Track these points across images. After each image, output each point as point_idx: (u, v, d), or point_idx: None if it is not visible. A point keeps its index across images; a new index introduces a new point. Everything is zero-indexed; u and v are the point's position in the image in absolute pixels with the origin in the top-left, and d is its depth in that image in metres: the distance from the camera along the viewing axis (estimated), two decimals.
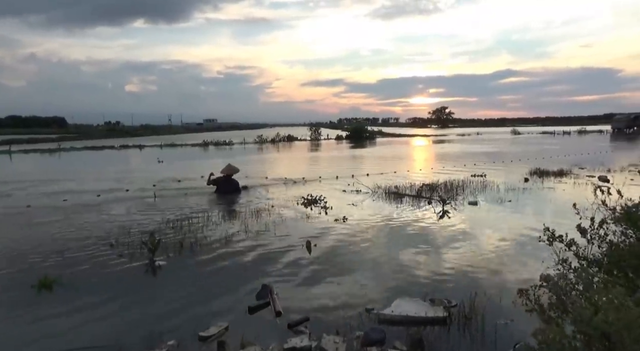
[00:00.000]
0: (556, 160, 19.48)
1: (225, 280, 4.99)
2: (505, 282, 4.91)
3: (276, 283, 4.83)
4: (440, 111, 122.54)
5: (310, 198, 9.77)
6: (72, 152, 30.02)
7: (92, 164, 22.39)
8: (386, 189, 11.15)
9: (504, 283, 4.87)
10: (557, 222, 7.41)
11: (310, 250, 6.20)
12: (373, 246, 6.37)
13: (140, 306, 4.35)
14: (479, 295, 4.32)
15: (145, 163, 22.20)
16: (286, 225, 7.68)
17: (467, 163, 18.82)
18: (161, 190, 11.89)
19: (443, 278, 5.06)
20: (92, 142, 39.52)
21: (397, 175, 15.02)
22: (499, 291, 4.65)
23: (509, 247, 6.26)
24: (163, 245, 6.12)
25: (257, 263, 5.61)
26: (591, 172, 14.40)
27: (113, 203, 9.99)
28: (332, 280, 5.05)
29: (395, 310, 4.00)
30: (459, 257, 5.81)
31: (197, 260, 5.76)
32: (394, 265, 5.51)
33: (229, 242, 6.58)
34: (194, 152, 30.79)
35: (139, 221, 8.00)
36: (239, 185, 11.72)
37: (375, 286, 4.84)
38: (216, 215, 8.44)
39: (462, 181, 12.48)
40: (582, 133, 54.95)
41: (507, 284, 4.85)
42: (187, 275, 5.19)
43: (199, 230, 7.30)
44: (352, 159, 23.07)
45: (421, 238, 6.75)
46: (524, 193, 10.82)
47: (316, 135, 48.36)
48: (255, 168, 17.56)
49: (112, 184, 13.28)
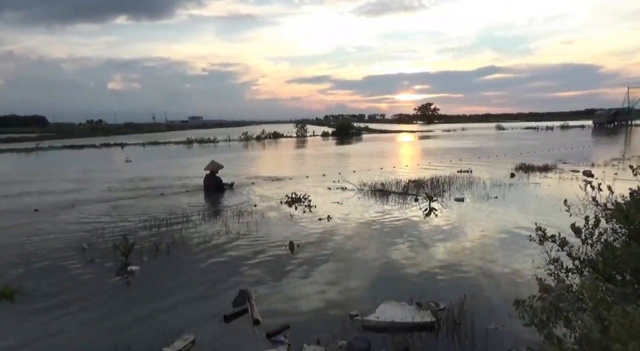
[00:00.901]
0: (541, 155, 19.55)
1: (201, 285, 4.71)
2: (494, 282, 4.75)
3: (256, 287, 4.58)
4: (425, 107, 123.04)
5: (294, 197, 9.52)
6: (50, 151, 29.16)
7: (66, 164, 21.67)
8: (372, 186, 10.96)
9: (493, 284, 4.70)
10: (544, 218, 7.30)
11: (294, 250, 5.96)
12: (358, 246, 6.15)
13: (106, 317, 4.05)
14: (467, 297, 4.12)
15: (116, 162, 21.25)
16: (269, 225, 7.42)
17: (453, 159, 18.75)
18: (130, 191, 11.50)
19: (430, 279, 4.87)
20: (72, 141, 38.51)
21: (384, 171, 14.85)
22: (489, 292, 4.48)
23: (497, 244, 6.11)
24: (138, 249, 5.82)
25: (236, 266, 5.34)
26: (575, 167, 14.42)
27: (85, 205, 9.55)
28: (315, 282, 4.82)
29: (381, 315, 3.78)
30: (446, 256, 5.63)
31: (172, 264, 5.47)
32: (380, 266, 5.30)
33: (207, 244, 6.30)
34: (176, 150, 30.21)
35: (115, 223, 7.62)
36: (221, 182, 11.37)
37: (360, 289, 4.63)
38: (196, 215, 8.13)
39: (448, 177, 12.36)
40: (564, 129, 55.62)
41: (497, 284, 4.68)
42: (161, 281, 4.89)
43: (177, 231, 6.99)
44: (338, 156, 22.85)
45: (407, 237, 6.56)
46: (510, 188, 10.73)
47: (302, 131, 47.98)
48: (239, 166, 17.20)
49: (75, 185, 12.80)
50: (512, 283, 4.68)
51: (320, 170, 15.15)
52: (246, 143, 37.65)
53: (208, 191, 11.10)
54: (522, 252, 5.53)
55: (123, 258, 5.41)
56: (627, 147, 23.90)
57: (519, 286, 4.47)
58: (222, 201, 10.01)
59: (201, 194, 10.82)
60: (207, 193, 11.01)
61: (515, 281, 4.71)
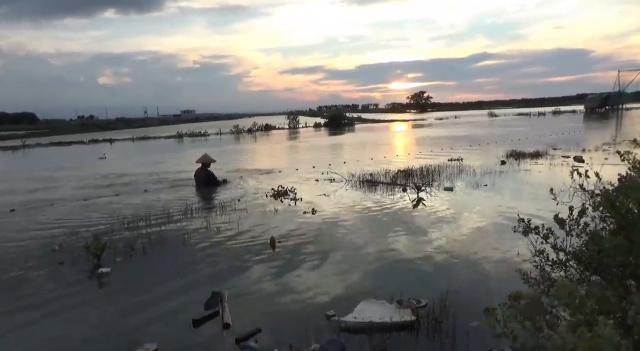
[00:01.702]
0: (532, 141, 19.41)
1: (174, 287, 4.50)
2: (480, 276, 4.57)
3: (232, 287, 4.37)
4: (418, 96, 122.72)
5: (280, 190, 9.30)
6: (38, 149, 28.71)
7: (50, 161, 21.28)
8: (361, 177, 10.76)
9: (479, 278, 4.53)
10: (533, 206, 7.16)
11: (275, 247, 5.76)
12: (342, 241, 5.96)
13: (68, 325, 3.80)
14: (450, 293, 3.94)
15: (96, 159, 20.30)
16: (252, 221, 7.20)
17: (445, 147, 18.58)
18: (109, 188, 11.22)
19: (414, 274, 4.69)
20: (60, 138, 37.97)
21: (375, 161, 14.65)
22: (474, 287, 4.31)
23: (485, 235, 5.94)
24: (112, 249, 5.59)
25: (213, 266, 5.13)
26: (567, 153, 14.29)
27: (61, 204, 9.21)
28: (294, 281, 4.62)
29: (359, 315, 3.59)
30: (432, 249, 5.44)
31: (146, 265, 5.25)
32: (362, 261, 5.10)
33: (186, 242, 6.08)
34: (166, 145, 29.82)
35: (91, 223, 7.33)
36: (213, 176, 11.10)
37: (340, 286, 4.44)
38: (178, 212, 7.88)
39: (438, 166, 12.17)
40: (556, 114, 55.59)
41: (483, 278, 4.51)
42: (131, 284, 4.66)
43: (156, 229, 6.75)
44: (329, 147, 22.62)
45: (393, 230, 6.37)
46: (500, 176, 10.57)
47: (294, 123, 47.64)
48: (228, 160, 16.93)
49: (50, 184, 12.49)
50: (498, 276, 4.50)
51: (311, 162, 14.92)
52: (237, 136, 37.27)
53: (199, 185, 10.85)
54: (510, 243, 5.36)
55: (95, 260, 5.17)
56: (618, 131, 23.83)
57: (505, 280, 4.29)
58: (207, 196, 9.77)
59: (186, 189, 10.55)
60: (197, 187, 10.76)
61: (502, 274, 4.53)
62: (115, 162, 18.33)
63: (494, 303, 3.83)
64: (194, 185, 10.98)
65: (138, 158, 20.35)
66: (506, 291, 3.91)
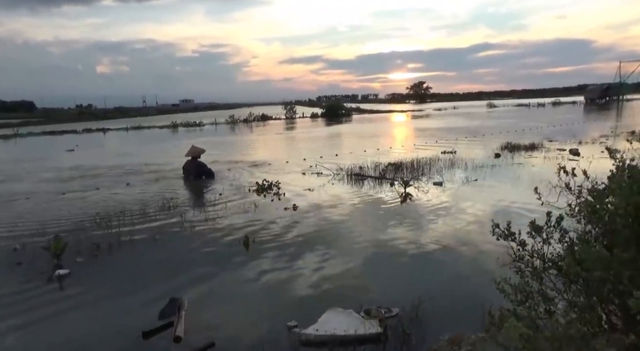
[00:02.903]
0: (529, 133, 19.10)
1: (132, 292, 4.23)
2: (458, 280, 4.32)
3: (195, 292, 4.12)
4: (418, 86, 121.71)
5: (264, 184, 9.01)
6: (29, 137, 28.32)
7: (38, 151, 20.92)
8: (349, 171, 10.46)
9: (456, 281, 4.27)
10: (521, 203, 6.89)
11: (248, 246, 5.49)
12: (318, 240, 5.68)
13: (3, 336, 3.54)
14: (423, 301, 3.69)
15: (57, 151, 19.49)
16: (229, 217, 6.94)
17: (440, 139, 18.25)
18: (85, 180, 10.92)
19: (390, 278, 4.43)
20: (54, 127, 37.55)
21: (367, 153, 14.33)
22: (450, 291, 4.05)
23: (468, 236, 5.67)
24: (75, 248, 5.32)
25: (179, 267, 4.86)
26: (562, 145, 13.99)
27: (31, 198, 8.85)
28: (261, 285, 4.36)
29: (322, 326, 3.33)
30: (412, 250, 5.18)
31: (109, 266, 4.97)
32: (336, 265, 4.83)
33: (157, 241, 5.80)
34: (160, 134, 29.43)
35: (62, 219, 7.01)
36: (206, 167, 10.79)
37: (308, 291, 4.17)
38: (154, 207, 7.59)
39: (430, 159, 11.89)
40: (556, 105, 55.09)
41: (460, 282, 4.25)
42: (88, 287, 4.38)
43: (128, 226, 6.47)
44: (323, 138, 22.26)
45: (376, 229, 6.10)
46: (492, 170, 10.29)
47: (291, 113, 47.16)
48: (219, 151, 16.62)
49: (24, 175, 12.19)
50: (477, 280, 4.24)
51: (302, 153, 14.60)
52: (233, 126, 36.87)
53: (189, 178, 10.54)
54: (494, 244, 5.08)
55: (55, 260, 4.90)
56: (617, 122, 23.48)
57: (484, 285, 4.01)
58: (190, 190, 9.49)
59: (169, 182, 10.24)
60: (186, 179, 10.46)
61: (481, 278, 4.26)
62: (101, 153, 17.99)
63: (468, 313, 3.59)
64: (182, 177, 10.69)
65: (126, 148, 20.00)
66: (483, 297, 3.67)
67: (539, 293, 2.86)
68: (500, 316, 2.95)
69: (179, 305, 3.74)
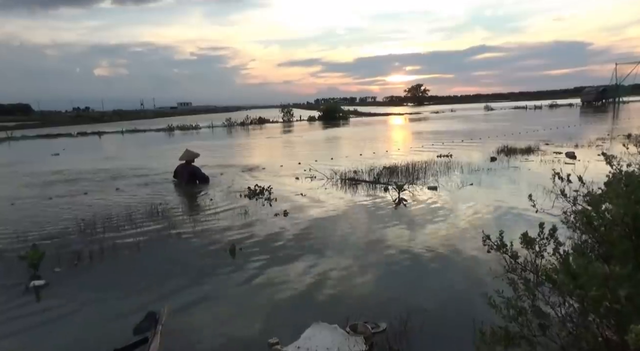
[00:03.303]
0: (525, 135, 18.98)
1: (109, 305, 4.04)
2: (451, 291, 4.15)
3: (175, 305, 3.92)
4: (415, 89, 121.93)
5: (256, 189, 8.84)
6: (23, 141, 28.08)
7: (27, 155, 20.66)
8: (343, 175, 10.30)
9: (449, 293, 4.10)
10: (517, 210, 6.74)
11: (234, 254, 5.32)
12: (307, 248, 5.50)
13: None
14: (414, 313, 3.52)
15: (44, 155, 19.00)
16: (218, 223, 6.76)
17: (436, 142, 18.14)
18: (80, 183, 10.72)
19: (381, 289, 4.26)
20: (49, 130, 37.28)
21: (363, 157, 14.19)
22: (442, 304, 3.88)
23: (463, 243, 5.50)
24: (55, 258, 5.13)
25: (160, 277, 4.68)
26: (559, 148, 13.88)
27: (17, 202, 8.65)
28: (246, 296, 4.19)
29: (305, 343, 3.16)
30: (405, 260, 5.01)
31: (89, 275, 4.78)
32: (323, 274, 4.65)
33: (141, 249, 5.61)
34: (155, 138, 29.20)
35: (47, 224, 6.83)
36: (200, 172, 10.59)
37: (294, 304, 4.00)
38: (142, 213, 7.40)
39: (425, 163, 11.76)
40: (553, 107, 55.12)
41: (453, 294, 4.08)
42: (64, 299, 4.18)
43: (112, 233, 6.28)
44: (319, 142, 22.10)
45: (366, 236, 5.93)
46: (488, 174, 10.14)
47: (288, 116, 47.02)
48: (213, 155, 16.45)
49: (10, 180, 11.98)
50: (468, 293, 4.07)
51: (297, 157, 14.45)
52: (230, 129, 36.70)
53: (181, 183, 10.33)
54: (486, 252, 4.92)
55: (32, 270, 4.72)
56: (614, 125, 23.41)
57: (476, 299, 3.86)
58: (181, 195, 9.30)
59: (159, 187, 10.04)
60: (178, 185, 10.28)
61: (473, 290, 4.10)
62: (93, 157, 17.76)
63: (459, 328, 3.42)
64: (172, 182, 10.52)
65: (119, 152, 19.80)
66: (475, 310, 3.51)
67: (532, 309, 2.70)
68: (492, 333, 2.79)
69: (157, 319, 3.56)
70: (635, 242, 2.39)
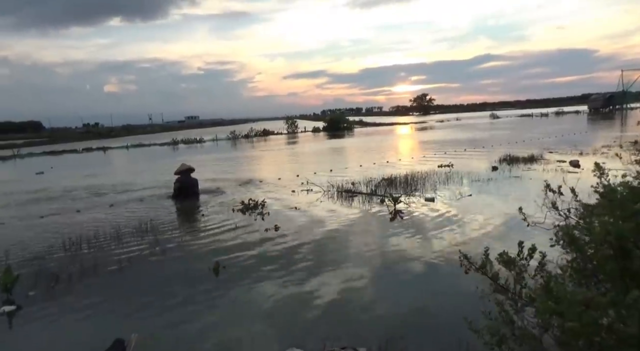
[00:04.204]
0: (529, 143, 18.68)
1: (78, 332, 3.86)
2: (435, 313, 3.91)
3: (146, 331, 3.74)
4: (421, 98, 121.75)
5: (250, 203, 8.67)
6: (27, 158, 28.29)
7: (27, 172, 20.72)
8: (339, 188, 10.10)
9: (433, 316, 3.87)
10: (512, 223, 6.49)
11: (218, 272, 5.13)
12: (294, 265, 5.29)
13: None
14: (394, 339, 3.30)
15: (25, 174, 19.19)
16: (206, 239, 6.59)
17: (438, 151, 17.92)
18: (75, 200, 10.64)
19: (364, 311, 4.03)
20: (55, 147, 37.64)
21: (363, 168, 14.01)
22: (424, 327, 3.65)
23: (451, 259, 5.24)
24: (32, 279, 4.98)
25: (136, 300, 4.50)
26: (563, 156, 13.58)
27: (11, 222, 8.57)
28: (224, 319, 3.99)
29: None
30: (393, 280, 4.79)
31: (64, 299, 4.58)
32: (305, 294, 4.43)
33: (123, 268, 5.44)
34: (159, 152, 29.28)
35: (30, 244, 6.66)
36: (196, 184, 10.53)
37: (273, 327, 3.79)
38: (130, 229, 7.24)
39: (425, 173, 11.52)
40: (559, 115, 54.59)
41: (437, 316, 3.85)
42: (32, 328, 3.99)
43: (96, 252, 6.11)
44: (321, 153, 21.95)
45: (358, 253, 5.70)
46: (488, 184, 9.89)
47: (293, 128, 47.06)
48: (213, 168, 16.37)
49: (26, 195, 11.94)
50: (454, 314, 3.83)
51: (297, 170, 14.28)
52: (234, 142, 36.75)
53: (178, 196, 10.20)
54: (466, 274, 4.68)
55: (6, 294, 4.56)
56: (621, 132, 22.99)
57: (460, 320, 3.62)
58: (171, 211, 9.13)
59: (153, 202, 9.90)
60: (174, 199, 10.14)
61: (459, 311, 3.85)
62: (93, 172, 17.76)
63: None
64: (167, 197, 10.36)
65: (117, 168, 19.82)
66: (460, 333, 3.27)
67: (513, 336, 2.47)
68: None
69: (124, 348, 3.37)
70: (621, 263, 2.17)
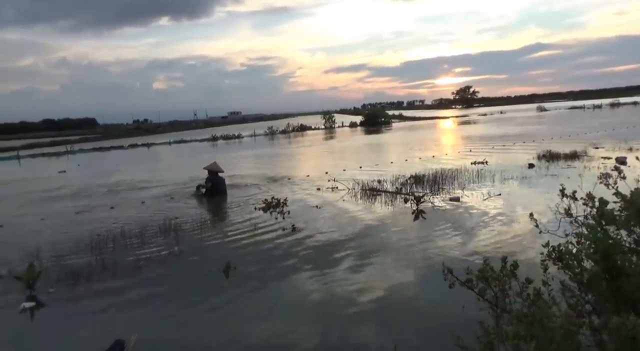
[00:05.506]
0: (575, 138, 17.67)
1: (85, 331, 4.00)
2: (428, 334, 3.76)
3: (152, 332, 3.83)
4: (464, 91, 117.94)
5: (271, 202, 8.73)
6: (79, 154, 29.92)
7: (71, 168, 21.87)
8: (364, 186, 9.97)
9: (432, 330, 3.72)
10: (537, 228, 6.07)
11: (228, 274, 5.19)
12: (303, 269, 5.24)
13: None
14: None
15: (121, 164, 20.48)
16: (224, 238, 6.69)
17: (475, 147, 17.31)
18: (109, 197, 11.10)
19: (369, 321, 3.94)
20: (104, 143, 39.63)
21: (394, 165, 13.78)
22: (427, 342, 3.52)
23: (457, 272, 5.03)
24: (54, 276, 5.25)
25: (147, 300, 4.63)
26: (609, 152, 12.71)
27: (49, 219, 8.95)
28: (228, 324, 4.04)
29: None
30: (404, 288, 4.65)
31: (82, 296, 4.76)
32: (317, 302, 4.36)
33: (142, 267, 5.62)
34: (198, 148, 30.10)
35: (59, 241, 6.97)
36: (224, 183, 10.71)
37: (276, 335, 3.77)
38: (155, 228, 7.45)
39: (456, 170, 11.16)
40: (614, 106, 51.20)
41: (437, 329, 3.69)
42: (48, 323, 4.20)
43: (121, 250, 6.35)
44: (355, 149, 21.74)
45: (371, 258, 5.53)
46: (520, 183, 9.42)
47: (330, 123, 46.96)
48: (245, 165, 16.65)
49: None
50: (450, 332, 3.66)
51: (327, 166, 14.23)
52: (271, 137, 37.18)
53: (213, 194, 10.34)
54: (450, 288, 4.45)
55: (29, 290, 4.83)
56: None
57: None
58: (197, 209, 9.30)
59: (183, 201, 10.15)
60: (202, 197, 10.36)
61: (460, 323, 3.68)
62: (141, 167, 18.51)
63: None
64: (198, 195, 10.56)
65: (155, 164, 20.54)
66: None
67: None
68: None
69: (123, 348, 3.47)
70: (610, 284, 1.97)
